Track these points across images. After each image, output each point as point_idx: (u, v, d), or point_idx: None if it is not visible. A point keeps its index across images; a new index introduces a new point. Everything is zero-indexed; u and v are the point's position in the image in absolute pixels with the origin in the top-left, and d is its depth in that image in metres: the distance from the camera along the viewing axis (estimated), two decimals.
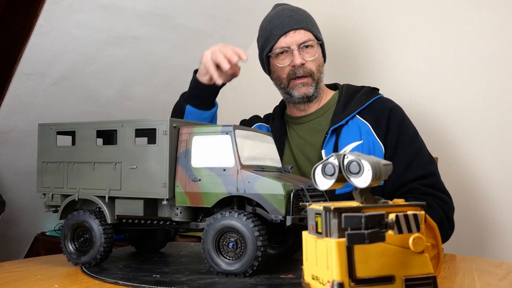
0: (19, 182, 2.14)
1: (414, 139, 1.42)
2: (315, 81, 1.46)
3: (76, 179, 1.04)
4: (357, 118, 1.42)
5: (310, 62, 1.44)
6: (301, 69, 1.43)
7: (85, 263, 1.00)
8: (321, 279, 0.59)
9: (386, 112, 1.42)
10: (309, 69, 1.44)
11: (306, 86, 1.45)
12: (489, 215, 1.70)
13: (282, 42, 1.44)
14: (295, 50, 1.42)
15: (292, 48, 1.43)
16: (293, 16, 1.45)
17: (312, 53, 1.45)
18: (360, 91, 1.49)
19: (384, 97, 1.49)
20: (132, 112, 2.26)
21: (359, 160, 0.60)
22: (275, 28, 1.45)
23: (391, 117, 1.41)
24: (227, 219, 0.87)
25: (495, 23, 1.70)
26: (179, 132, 0.96)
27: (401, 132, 1.40)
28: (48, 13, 1.66)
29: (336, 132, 1.41)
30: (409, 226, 0.56)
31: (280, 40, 1.44)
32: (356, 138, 1.39)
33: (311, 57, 1.44)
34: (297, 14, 1.47)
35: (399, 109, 1.47)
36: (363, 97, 1.46)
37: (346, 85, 1.56)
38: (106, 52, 1.95)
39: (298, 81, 1.45)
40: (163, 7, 1.93)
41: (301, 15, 1.47)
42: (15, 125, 1.96)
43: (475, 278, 0.89)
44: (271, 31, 1.46)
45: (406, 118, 1.46)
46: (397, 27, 1.92)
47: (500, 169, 1.68)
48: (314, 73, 1.45)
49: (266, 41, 1.48)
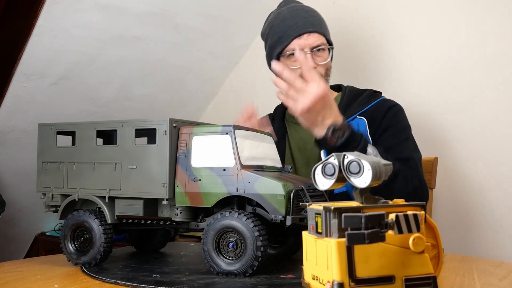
0: (19, 182, 2.14)
1: (402, 131, 1.41)
2: None
3: (76, 179, 1.04)
4: (357, 118, 1.42)
5: (320, 66, 1.44)
6: None
7: (85, 263, 1.00)
8: (321, 279, 0.59)
9: (384, 110, 1.42)
10: (319, 73, 1.42)
11: None
12: (489, 215, 1.70)
13: (295, 44, 1.42)
14: (308, 53, 1.41)
15: (306, 51, 1.42)
16: (307, 18, 1.44)
17: (323, 57, 1.44)
18: (363, 94, 1.49)
19: (385, 98, 1.49)
20: (132, 112, 2.26)
21: (359, 160, 0.60)
22: (289, 28, 1.43)
23: (387, 112, 1.41)
24: (227, 219, 0.87)
25: (496, 24, 1.70)
26: (179, 132, 0.96)
27: (392, 123, 1.40)
28: (48, 13, 1.66)
29: None
30: (409, 226, 0.56)
31: (294, 41, 1.42)
32: None
33: (323, 61, 1.44)
34: (311, 17, 1.46)
35: (398, 107, 1.46)
36: (365, 100, 1.46)
37: (350, 87, 1.55)
38: (106, 52, 1.95)
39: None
40: (163, 7, 1.93)
41: (315, 18, 1.47)
42: (15, 125, 1.96)
43: (475, 278, 0.88)
44: (285, 31, 1.44)
45: (402, 114, 1.45)
46: (398, 27, 1.92)
47: (500, 168, 1.68)
48: (323, 77, 1.44)
49: (278, 41, 1.46)
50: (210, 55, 2.29)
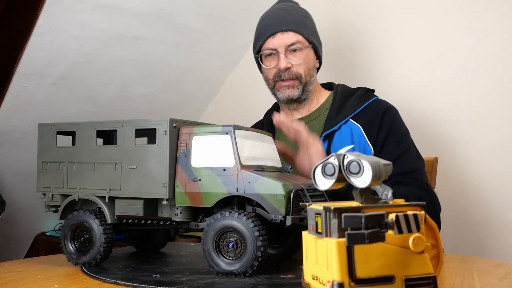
0: (19, 182, 2.14)
1: (402, 139, 1.39)
2: (302, 84, 1.43)
3: (76, 179, 1.04)
4: (350, 122, 1.40)
5: (297, 65, 1.41)
6: (286, 73, 1.41)
7: (85, 263, 1.00)
8: (321, 279, 0.59)
9: (379, 114, 1.40)
10: (295, 73, 1.41)
11: (291, 88, 1.43)
12: (489, 215, 1.70)
13: (270, 44, 1.42)
14: (282, 53, 1.40)
15: (279, 50, 1.40)
16: (283, 16, 1.42)
17: (300, 56, 1.41)
18: (355, 93, 1.47)
19: (379, 98, 1.46)
20: (132, 112, 2.26)
21: (359, 160, 0.60)
22: (264, 28, 1.43)
23: (384, 118, 1.39)
24: (227, 219, 0.87)
25: (495, 23, 1.70)
26: (179, 132, 0.95)
27: (391, 132, 1.38)
28: (48, 13, 1.66)
29: (329, 138, 1.39)
30: (409, 226, 0.56)
31: (268, 41, 1.42)
32: (348, 143, 1.37)
33: (298, 61, 1.41)
34: (289, 15, 1.42)
35: (393, 110, 1.44)
36: (356, 100, 1.43)
37: (341, 86, 1.53)
38: (106, 52, 1.95)
39: (283, 83, 1.43)
40: (163, 7, 1.93)
41: (293, 16, 1.43)
42: (15, 125, 1.96)
43: (475, 278, 0.88)
44: (261, 31, 1.44)
45: (399, 119, 1.44)
46: (398, 27, 1.92)
47: (500, 169, 1.68)
48: (302, 76, 1.42)
49: (256, 41, 1.47)
50: (210, 55, 2.29)
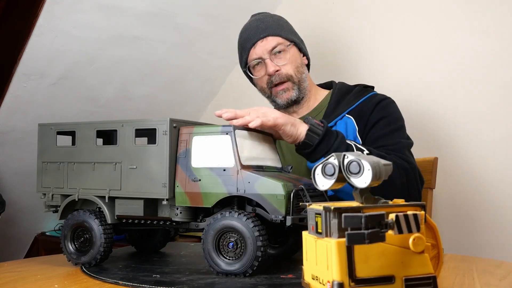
0: (19, 182, 2.14)
1: (394, 122, 1.37)
2: (296, 84, 1.45)
3: (76, 179, 1.04)
4: (345, 117, 1.40)
5: (285, 66, 1.43)
6: (276, 77, 1.43)
7: (85, 263, 1.00)
8: (321, 279, 0.59)
9: (372, 105, 1.39)
10: (285, 74, 1.43)
11: (287, 91, 1.45)
12: (489, 215, 1.70)
13: (253, 54, 1.45)
14: (267, 59, 1.43)
15: (264, 57, 1.43)
16: (258, 26, 1.46)
17: (285, 57, 1.44)
18: (352, 90, 1.47)
19: (376, 93, 1.46)
20: (132, 112, 2.26)
21: (359, 160, 0.60)
22: (244, 41, 1.47)
23: (377, 105, 1.38)
24: (227, 219, 0.87)
25: (495, 23, 1.70)
26: (179, 132, 0.96)
27: (383, 115, 1.37)
28: (48, 13, 1.66)
29: None
30: (409, 226, 0.56)
31: (251, 52, 1.45)
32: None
33: (284, 61, 1.43)
34: (262, 23, 1.46)
35: (389, 99, 1.43)
36: (353, 96, 1.44)
37: (340, 83, 1.54)
38: (106, 52, 1.95)
39: (278, 88, 1.45)
40: (163, 7, 1.93)
41: (267, 22, 1.46)
42: (15, 125, 1.96)
43: (475, 278, 0.88)
44: (242, 46, 1.49)
45: (394, 105, 1.42)
46: (398, 27, 1.92)
47: (500, 168, 1.68)
48: (293, 76, 1.44)
49: (240, 56, 1.51)
50: (210, 55, 2.29)
